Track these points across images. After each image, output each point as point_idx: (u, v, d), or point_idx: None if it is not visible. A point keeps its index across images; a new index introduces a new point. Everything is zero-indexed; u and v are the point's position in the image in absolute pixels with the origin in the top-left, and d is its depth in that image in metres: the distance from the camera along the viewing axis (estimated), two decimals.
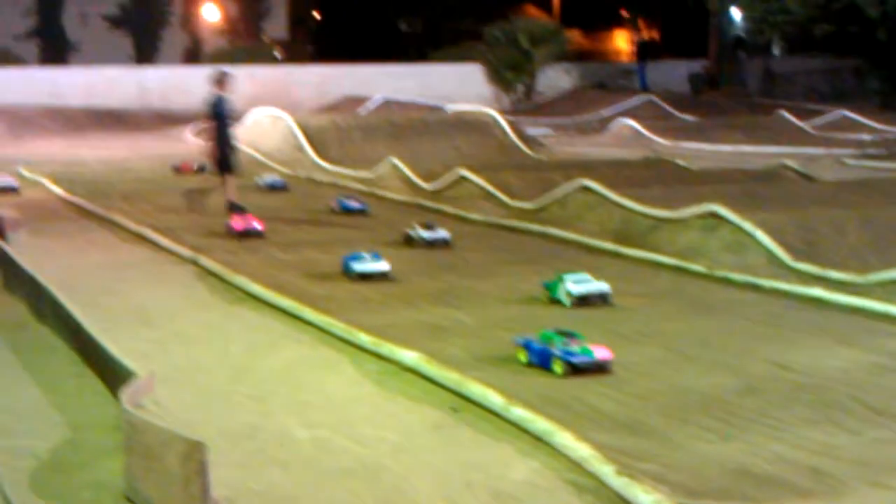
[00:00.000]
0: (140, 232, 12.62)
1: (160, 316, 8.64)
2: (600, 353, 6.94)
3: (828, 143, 23.50)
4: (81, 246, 12.03)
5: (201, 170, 18.78)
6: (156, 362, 6.75)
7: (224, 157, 14.44)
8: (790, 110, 28.26)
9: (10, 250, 10.25)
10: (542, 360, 6.99)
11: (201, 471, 4.71)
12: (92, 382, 6.88)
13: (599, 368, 6.89)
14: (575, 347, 6.93)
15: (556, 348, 6.92)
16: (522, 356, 7.14)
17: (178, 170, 19.41)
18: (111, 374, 6.60)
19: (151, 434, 5.02)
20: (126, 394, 5.65)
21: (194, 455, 4.75)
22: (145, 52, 46.48)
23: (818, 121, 28.19)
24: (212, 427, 5.79)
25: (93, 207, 14.77)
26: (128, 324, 8.24)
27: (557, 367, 6.87)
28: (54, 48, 45.72)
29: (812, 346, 7.62)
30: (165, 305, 9.04)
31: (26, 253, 10.30)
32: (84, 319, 7.55)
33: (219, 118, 14.34)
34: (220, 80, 14.52)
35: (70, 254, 11.45)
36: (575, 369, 6.83)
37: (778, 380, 6.79)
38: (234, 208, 13.87)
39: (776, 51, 42.09)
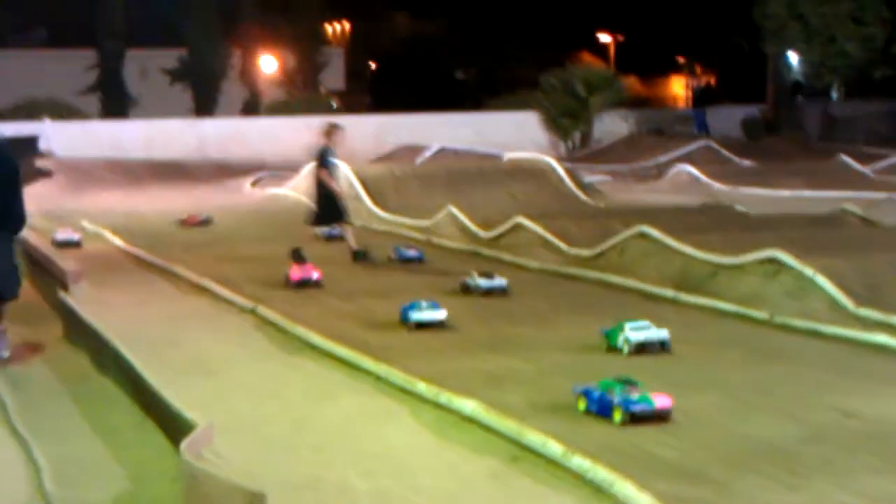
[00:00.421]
0: (200, 283, 12.73)
1: (220, 366, 8.70)
2: (660, 400, 6.90)
3: (889, 187, 23.25)
4: (142, 297, 12.16)
5: (205, 222, 19.06)
6: (215, 413, 6.78)
7: (325, 208, 14.79)
8: (850, 154, 28.02)
9: (73, 302, 10.38)
10: (601, 409, 6.95)
11: None
12: (153, 434, 6.93)
13: (659, 417, 6.84)
14: (635, 395, 6.89)
15: (616, 396, 6.88)
16: (582, 404, 7.10)
17: (184, 222, 19.54)
18: (171, 425, 6.65)
19: (211, 485, 5.04)
20: (186, 445, 5.68)
21: None
22: (204, 105, 47.05)
23: (879, 165, 27.93)
24: (271, 478, 5.81)
25: (153, 259, 14.93)
26: (188, 374, 8.29)
27: (617, 416, 6.83)
28: (115, 102, 46.39)
29: (877, 393, 7.52)
30: (225, 356, 9.10)
31: (88, 305, 10.42)
32: (144, 370, 7.62)
33: (325, 168, 14.74)
34: (329, 132, 14.94)
35: (131, 305, 11.56)
36: (634, 418, 6.79)
37: (843, 428, 6.70)
38: (298, 258, 14.06)
39: (835, 95, 41.84)
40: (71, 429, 7.25)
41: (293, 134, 36.31)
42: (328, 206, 14.87)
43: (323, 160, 14.79)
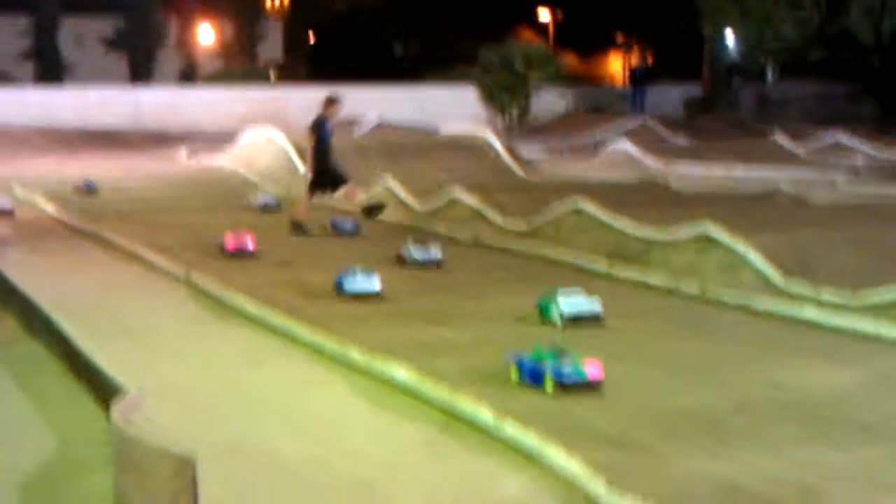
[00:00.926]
0: (133, 250, 12.62)
1: (152, 333, 8.64)
2: (591, 370, 6.94)
3: (821, 167, 23.54)
4: (74, 264, 12.03)
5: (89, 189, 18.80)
6: (146, 378, 6.74)
7: (321, 178, 14.87)
8: (784, 134, 28.32)
9: (2, 268, 10.25)
10: (533, 378, 6.99)
11: (191, 487, 4.71)
12: (83, 398, 6.87)
13: (590, 386, 6.89)
14: (566, 365, 6.93)
15: (548, 366, 6.92)
16: (514, 374, 7.14)
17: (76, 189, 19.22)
18: (102, 389, 6.59)
19: (141, 450, 5.01)
20: (116, 409, 5.64)
21: (184, 471, 4.75)
22: (140, 74, 46.53)
23: (812, 145, 28.25)
24: (201, 443, 5.77)
25: (85, 226, 14.78)
26: (119, 340, 8.23)
27: (549, 385, 6.87)
28: (50, 69, 45.73)
29: (804, 365, 7.63)
30: (157, 322, 9.04)
31: (17, 269, 10.29)
32: (75, 335, 7.55)
33: (319, 140, 14.81)
34: (328, 104, 15.06)
35: (62, 271, 11.44)
36: (566, 387, 6.83)
37: (770, 399, 6.80)
38: (299, 229, 14.34)
39: (770, 75, 42.24)
40: None
41: (230, 104, 36.10)
42: (327, 174, 14.90)
43: (317, 131, 14.84)
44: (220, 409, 6.60)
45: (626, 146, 26.54)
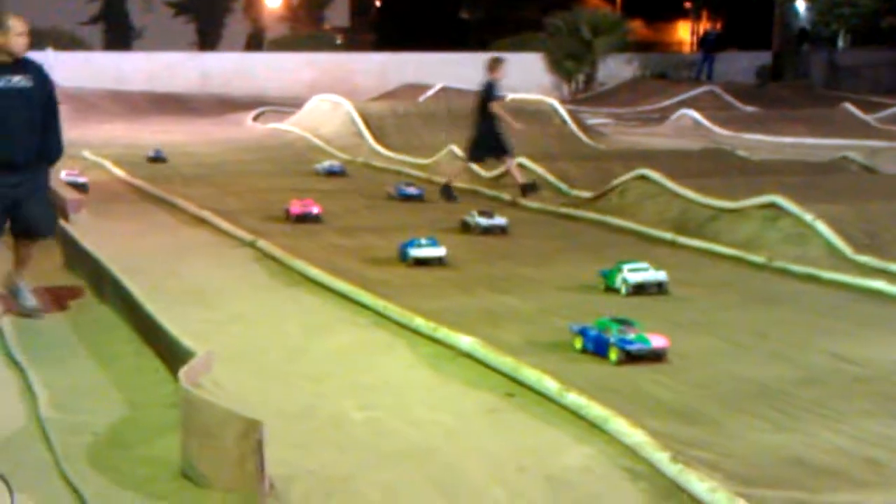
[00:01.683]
0: (200, 215, 12.73)
1: (219, 297, 8.72)
2: (656, 340, 6.92)
3: (892, 136, 23.20)
4: (142, 228, 12.17)
5: (158, 159, 18.65)
6: (214, 342, 6.80)
7: (484, 143, 14.70)
8: (854, 103, 27.92)
9: (72, 230, 10.38)
10: (597, 348, 6.98)
11: (257, 449, 4.76)
12: (151, 361, 6.96)
13: (655, 356, 6.86)
14: (631, 335, 6.92)
15: (612, 335, 6.91)
16: (578, 343, 7.13)
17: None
18: (170, 353, 6.67)
19: (208, 412, 5.07)
20: (184, 372, 5.71)
21: (250, 434, 4.79)
22: (208, 39, 46.82)
23: (883, 114, 27.83)
24: (268, 407, 5.83)
25: (154, 190, 14.93)
26: (187, 304, 8.31)
27: (613, 355, 6.86)
28: (118, 34, 46.16)
29: (872, 338, 7.54)
30: (224, 287, 9.12)
31: (88, 233, 10.42)
32: (143, 298, 7.64)
33: (485, 105, 14.62)
34: (493, 66, 14.84)
35: (131, 235, 11.57)
36: (631, 357, 6.82)
37: (837, 371, 6.73)
38: (529, 188, 14.21)
39: (841, 43, 41.60)
40: (68, 356, 7.28)
41: (296, 70, 36.23)
42: (491, 141, 14.73)
43: (489, 94, 14.68)
44: (286, 374, 6.65)
45: (694, 114, 26.33)
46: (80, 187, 14.58)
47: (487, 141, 14.74)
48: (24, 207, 8.12)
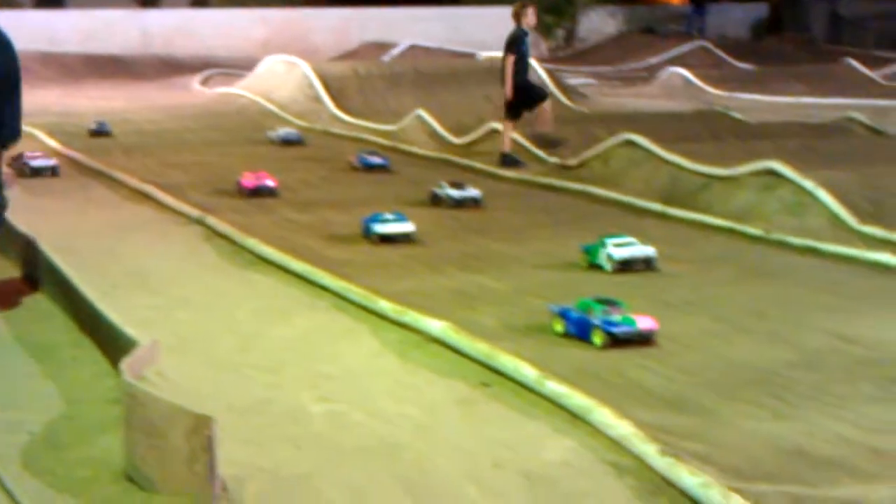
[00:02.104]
0: (143, 189, 12.69)
1: (164, 281, 8.71)
2: (644, 322, 6.95)
3: None
4: (79, 205, 12.12)
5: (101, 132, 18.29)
6: (159, 330, 6.80)
7: (522, 98, 14.66)
8: (858, 58, 28.03)
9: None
10: (579, 331, 7.01)
11: (207, 448, 4.76)
12: (90, 353, 6.94)
13: (642, 339, 6.90)
14: (616, 316, 6.94)
15: (596, 317, 6.93)
16: (558, 326, 7.16)
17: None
18: (111, 343, 6.66)
19: (154, 408, 5.06)
20: (127, 364, 5.70)
21: (201, 430, 4.79)
22: None
23: (889, 70, 27.96)
24: (219, 400, 5.84)
25: (91, 163, 14.86)
26: (129, 289, 8.30)
27: (597, 338, 6.89)
28: None
29: (877, 316, 7.61)
30: (170, 269, 9.11)
31: (19, 213, 10.36)
32: (82, 283, 7.62)
33: (519, 56, 14.56)
34: (518, 13, 14.79)
35: (67, 213, 11.54)
36: (616, 340, 6.85)
37: (839, 353, 6.79)
38: (510, 161, 14.21)
39: None
40: (0, 347, 7.25)
41: (247, 27, 36.06)
42: (526, 92, 14.75)
43: (515, 46, 14.60)
44: (238, 364, 6.65)
45: (684, 72, 26.37)
46: (54, 171, 14.00)
47: (524, 94, 14.69)
48: None
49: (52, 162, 14.37)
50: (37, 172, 13.90)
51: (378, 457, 5.26)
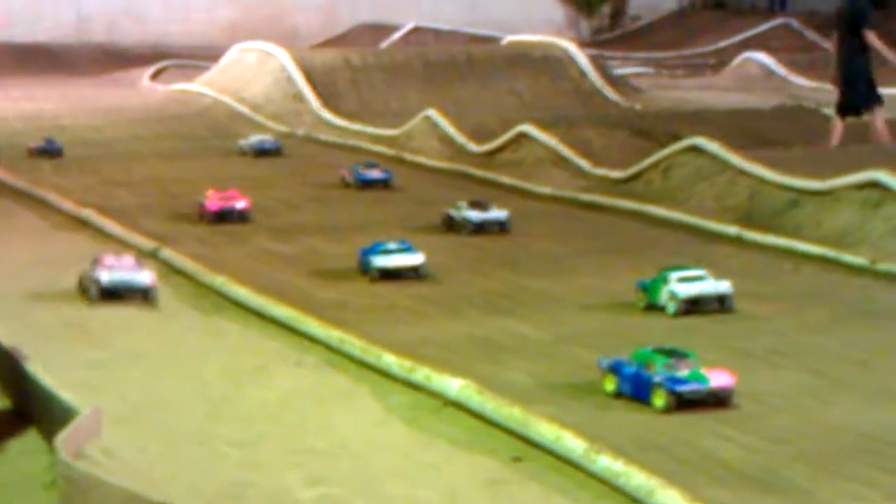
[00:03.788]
0: (80, 215, 12.71)
1: (109, 330, 8.71)
2: (718, 379, 6.94)
3: None
4: (0, 235, 12.15)
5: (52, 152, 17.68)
6: (104, 395, 6.81)
7: (854, 90, 14.56)
8: None
9: None
10: (636, 390, 7.00)
11: None
12: (18, 424, 6.95)
13: (717, 400, 6.89)
14: (682, 371, 6.94)
15: (657, 373, 6.93)
16: (610, 384, 7.15)
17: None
18: (43, 411, 6.67)
19: (97, 493, 5.07)
20: (63, 439, 5.71)
21: None
22: None
23: None
24: (182, 484, 5.84)
25: (15, 182, 14.87)
26: (65, 341, 8.32)
27: (658, 399, 6.88)
28: None
29: None
30: (116, 316, 9.10)
31: None
32: (5, 337, 7.63)
33: (857, 37, 14.36)
34: None
35: None
36: (683, 401, 6.84)
37: None
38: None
39: None
40: None
41: (209, 7, 36.23)
42: (864, 85, 14.57)
43: (859, 19, 14.40)
44: (205, 437, 6.65)
45: (763, 58, 26.37)
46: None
47: (859, 84, 14.43)
48: None
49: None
50: None
51: None
